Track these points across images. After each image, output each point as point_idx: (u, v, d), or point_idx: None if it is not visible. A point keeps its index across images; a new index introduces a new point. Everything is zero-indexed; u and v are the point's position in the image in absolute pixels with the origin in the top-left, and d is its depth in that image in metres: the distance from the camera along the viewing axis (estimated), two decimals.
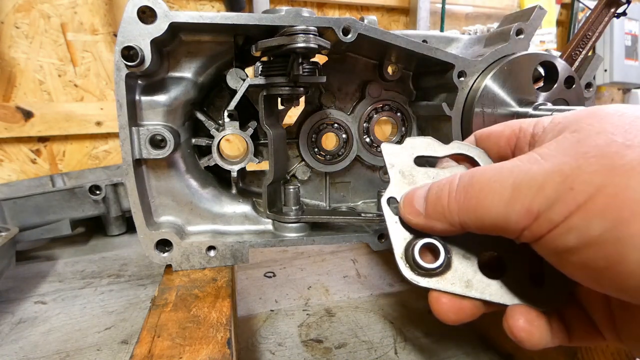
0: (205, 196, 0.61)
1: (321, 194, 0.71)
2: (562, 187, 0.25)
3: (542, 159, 0.27)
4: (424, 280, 0.34)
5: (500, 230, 0.29)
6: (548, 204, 0.25)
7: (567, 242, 0.25)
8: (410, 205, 0.35)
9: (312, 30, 0.49)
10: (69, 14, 1.40)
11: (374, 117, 0.69)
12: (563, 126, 0.29)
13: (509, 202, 0.27)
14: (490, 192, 0.29)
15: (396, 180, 0.39)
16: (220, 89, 0.64)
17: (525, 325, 0.31)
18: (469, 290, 0.33)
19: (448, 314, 0.33)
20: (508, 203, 0.27)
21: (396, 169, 0.39)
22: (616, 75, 2.26)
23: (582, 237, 0.24)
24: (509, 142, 0.36)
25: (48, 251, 1.07)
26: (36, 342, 0.66)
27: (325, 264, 0.97)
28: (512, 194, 0.27)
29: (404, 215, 0.35)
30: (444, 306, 0.33)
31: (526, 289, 0.33)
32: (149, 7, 0.48)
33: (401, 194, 0.37)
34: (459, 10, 2.07)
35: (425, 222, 0.33)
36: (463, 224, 0.31)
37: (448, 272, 0.34)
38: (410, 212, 0.35)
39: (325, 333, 0.68)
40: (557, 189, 0.25)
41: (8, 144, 1.40)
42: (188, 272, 0.56)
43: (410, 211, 0.35)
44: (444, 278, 0.34)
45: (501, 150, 0.37)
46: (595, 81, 0.65)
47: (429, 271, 0.34)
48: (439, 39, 0.70)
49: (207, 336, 0.40)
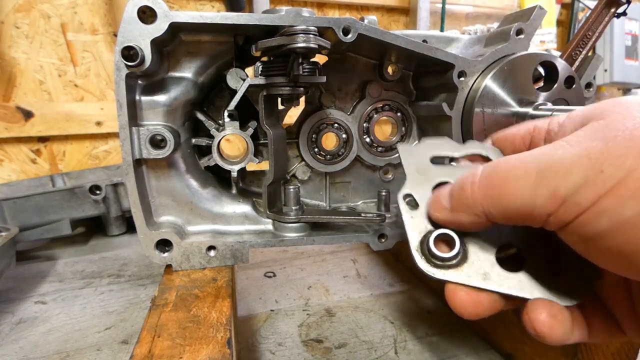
0: (205, 196, 0.61)
1: (321, 194, 0.71)
2: (590, 170, 0.25)
3: (568, 144, 0.27)
4: (440, 272, 0.33)
5: (526, 217, 0.28)
6: (575, 188, 0.25)
7: (598, 226, 0.25)
8: (437, 202, 0.35)
9: (312, 30, 0.49)
10: (69, 14, 1.40)
11: (374, 117, 0.69)
12: (585, 117, 0.29)
13: (534, 188, 0.27)
14: (514, 178, 0.28)
15: (412, 178, 0.39)
16: (220, 89, 0.64)
17: (547, 319, 0.30)
18: (487, 282, 0.32)
19: (466, 307, 0.32)
20: (533, 188, 0.27)
21: (412, 167, 0.40)
22: (616, 75, 2.26)
23: (614, 220, 0.24)
24: (524, 141, 0.36)
25: (48, 251, 1.07)
26: (36, 342, 0.66)
27: (326, 264, 0.97)
28: (537, 179, 0.27)
29: (432, 213, 0.35)
30: (462, 299, 0.32)
31: (547, 283, 0.32)
32: (149, 7, 0.48)
33: (416, 191, 0.38)
34: (459, 10, 2.07)
35: (451, 215, 0.33)
36: (488, 213, 0.30)
37: (464, 264, 0.33)
38: (437, 209, 0.35)
39: (325, 333, 0.68)
40: (585, 173, 0.25)
41: (8, 144, 1.40)
42: (188, 272, 0.56)
43: (437, 207, 0.35)
44: (460, 270, 0.33)
45: (516, 149, 0.37)
46: (595, 81, 0.65)
47: (444, 261, 0.33)
48: (439, 39, 0.70)
49: (207, 336, 0.40)
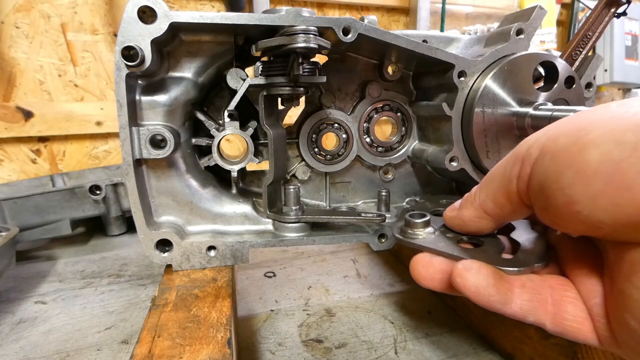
0: (205, 196, 0.61)
1: (321, 194, 0.71)
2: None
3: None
4: (407, 240, 0.42)
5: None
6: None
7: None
8: (451, 209, 0.42)
9: (312, 30, 0.49)
10: (69, 14, 1.40)
11: (374, 117, 0.69)
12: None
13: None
14: (495, 168, 0.36)
15: None
16: (220, 89, 0.64)
17: (463, 270, 0.33)
18: (437, 245, 0.40)
19: (419, 269, 0.38)
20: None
21: None
22: (616, 75, 2.26)
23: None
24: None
25: (48, 251, 1.07)
26: (36, 342, 0.66)
27: (326, 264, 0.97)
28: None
29: (445, 216, 0.42)
30: (417, 260, 0.39)
31: (490, 258, 0.36)
32: (149, 7, 0.48)
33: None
34: (459, 10, 2.07)
35: (457, 212, 0.40)
36: (482, 203, 0.36)
37: (429, 237, 0.42)
38: (449, 210, 0.42)
39: (325, 333, 0.68)
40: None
41: (8, 144, 1.40)
42: (188, 272, 0.56)
43: (450, 210, 0.42)
44: (424, 240, 0.41)
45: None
46: (595, 81, 0.65)
47: (415, 227, 0.42)
48: (439, 39, 0.70)
49: (207, 336, 0.40)
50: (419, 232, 0.42)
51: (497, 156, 0.60)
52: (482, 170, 0.62)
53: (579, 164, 0.26)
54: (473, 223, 0.38)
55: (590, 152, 0.25)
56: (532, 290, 0.34)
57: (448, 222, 0.42)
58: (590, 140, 0.26)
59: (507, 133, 0.59)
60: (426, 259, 0.38)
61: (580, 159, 0.26)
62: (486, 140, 0.59)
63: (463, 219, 0.39)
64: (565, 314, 0.32)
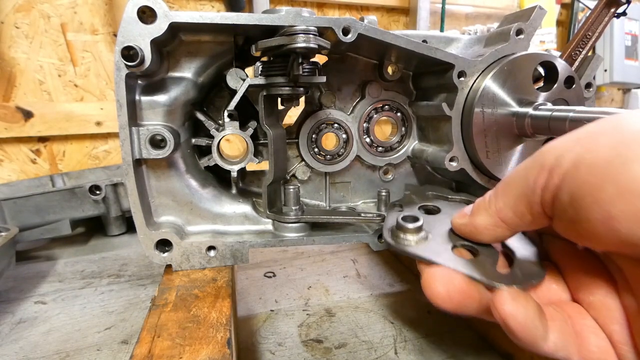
0: (205, 196, 0.61)
1: (321, 194, 0.71)
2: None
3: None
4: (400, 246, 0.39)
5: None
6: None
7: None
8: (461, 216, 0.38)
9: (312, 30, 0.49)
10: (69, 14, 1.40)
11: (374, 117, 0.69)
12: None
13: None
14: (515, 174, 0.33)
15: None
16: (220, 89, 0.64)
17: (440, 276, 0.32)
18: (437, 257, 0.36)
19: (430, 281, 0.34)
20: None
21: None
22: (616, 75, 2.26)
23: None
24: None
25: (48, 251, 1.07)
26: (36, 342, 0.66)
27: (325, 264, 0.97)
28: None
29: (454, 223, 0.39)
30: (435, 278, 0.34)
31: (488, 271, 0.34)
32: (149, 7, 0.48)
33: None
34: (459, 10, 2.07)
35: (469, 219, 0.37)
36: (499, 210, 0.33)
37: (422, 243, 0.38)
38: (459, 216, 0.38)
39: (325, 333, 0.68)
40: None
41: (8, 144, 1.40)
42: (188, 272, 0.56)
43: (459, 216, 0.39)
44: (417, 248, 0.38)
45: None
46: (595, 81, 0.65)
47: (406, 232, 0.39)
48: (439, 39, 0.70)
49: (207, 336, 0.40)
50: (410, 238, 0.39)
51: (496, 156, 0.60)
52: (481, 170, 0.62)
53: (622, 179, 0.24)
54: (488, 231, 0.35)
55: (636, 168, 0.24)
56: (560, 322, 0.31)
57: (457, 229, 0.38)
58: (636, 154, 0.24)
59: (507, 133, 0.59)
60: (446, 275, 0.33)
61: (624, 174, 0.24)
62: (486, 140, 0.59)
63: (476, 227, 0.36)
64: (589, 346, 0.30)
